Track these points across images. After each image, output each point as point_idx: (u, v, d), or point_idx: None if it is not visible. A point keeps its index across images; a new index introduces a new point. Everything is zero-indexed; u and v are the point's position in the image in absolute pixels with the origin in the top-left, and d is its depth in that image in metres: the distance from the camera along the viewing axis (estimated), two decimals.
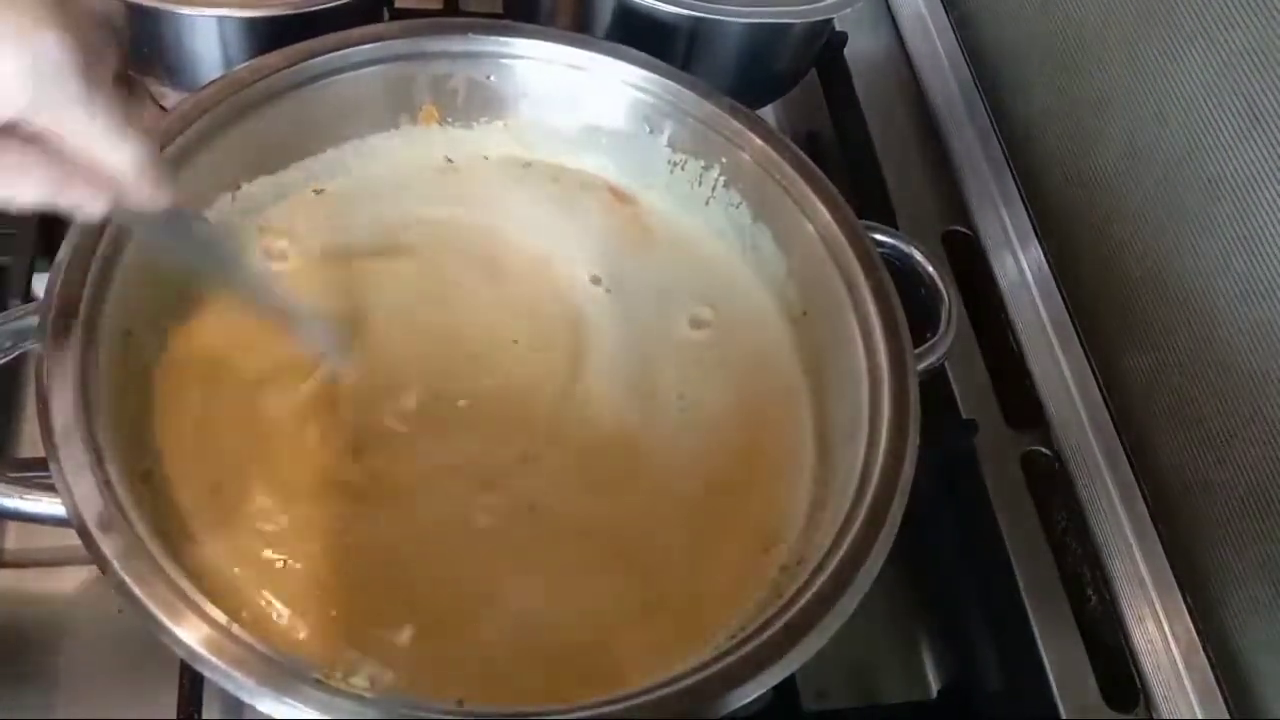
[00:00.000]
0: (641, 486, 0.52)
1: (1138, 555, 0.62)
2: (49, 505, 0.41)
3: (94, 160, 0.35)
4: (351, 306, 0.55)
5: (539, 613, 0.47)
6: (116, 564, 0.39)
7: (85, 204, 0.36)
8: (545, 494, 0.51)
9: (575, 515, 0.51)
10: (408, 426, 0.52)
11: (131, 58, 0.60)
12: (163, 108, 0.55)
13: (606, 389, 0.55)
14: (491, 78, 0.61)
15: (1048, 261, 0.73)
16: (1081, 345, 0.70)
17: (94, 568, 0.39)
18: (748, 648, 0.41)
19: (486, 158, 0.62)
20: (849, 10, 0.68)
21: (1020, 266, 0.74)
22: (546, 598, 0.48)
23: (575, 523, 0.50)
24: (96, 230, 0.47)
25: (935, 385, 0.63)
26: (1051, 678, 0.57)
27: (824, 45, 0.77)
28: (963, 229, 0.76)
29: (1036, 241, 0.74)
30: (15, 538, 0.56)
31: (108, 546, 0.39)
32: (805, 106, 0.80)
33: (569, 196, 0.62)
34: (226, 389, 0.51)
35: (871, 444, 0.48)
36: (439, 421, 0.52)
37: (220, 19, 0.59)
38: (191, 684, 0.49)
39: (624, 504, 0.52)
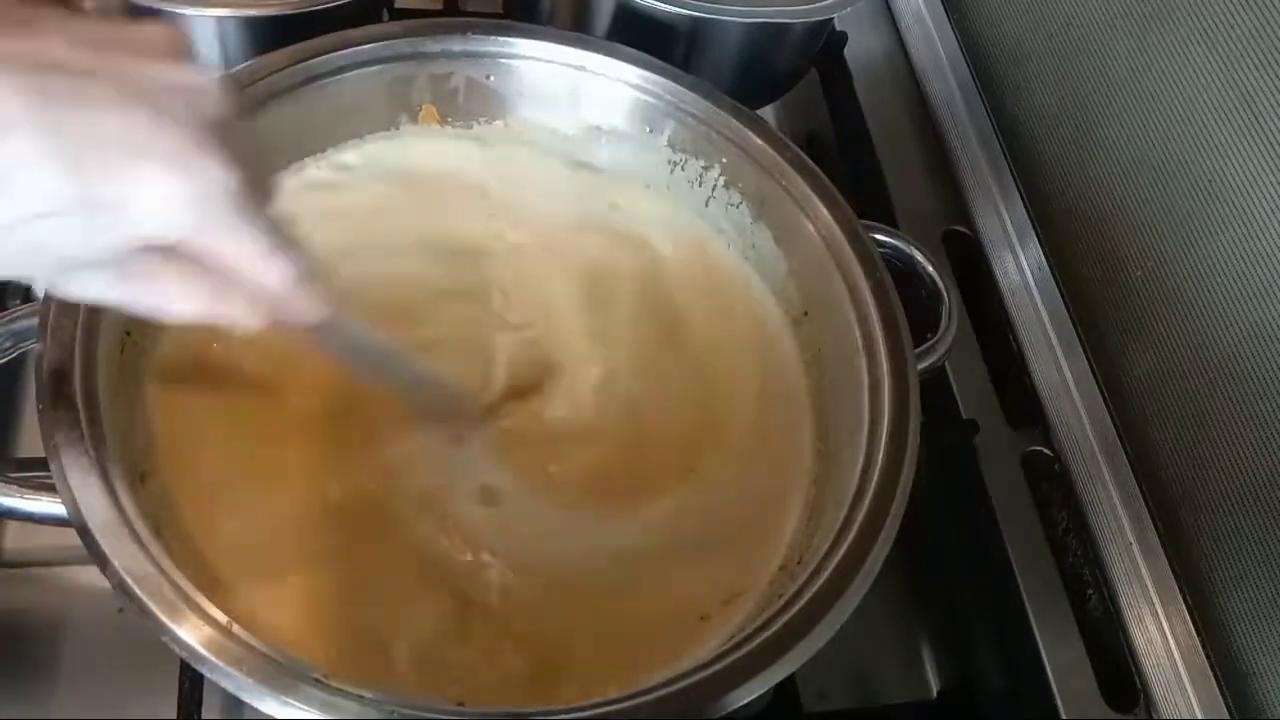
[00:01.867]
0: (634, 488, 0.52)
1: (1138, 555, 0.62)
2: (49, 505, 0.41)
3: (250, 279, 0.35)
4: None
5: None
6: (116, 564, 0.39)
7: (241, 316, 0.36)
8: (539, 511, 0.51)
9: (565, 534, 0.50)
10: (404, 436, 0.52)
11: None
12: None
13: (607, 390, 0.55)
14: (491, 78, 0.61)
15: (1048, 261, 0.73)
16: (1081, 345, 0.70)
17: (94, 568, 0.39)
18: (748, 648, 0.41)
19: (486, 155, 0.63)
20: (849, 10, 0.68)
21: (1020, 266, 0.74)
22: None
23: (563, 542, 0.50)
24: None
25: (935, 385, 0.63)
26: (1051, 678, 0.57)
27: (824, 45, 0.77)
28: (963, 229, 0.76)
29: (1036, 241, 0.74)
30: (15, 538, 0.56)
31: (108, 546, 0.39)
32: (805, 106, 0.80)
33: (565, 194, 0.62)
34: (225, 390, 0.51)
35: (871, 444, 0.48)
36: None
37: (220, 19, 0.59)
38: (191, 684, 0.49)
39: (621, 509, 0.52)
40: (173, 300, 0.35)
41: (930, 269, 0.58)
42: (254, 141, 0.35)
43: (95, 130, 0.30)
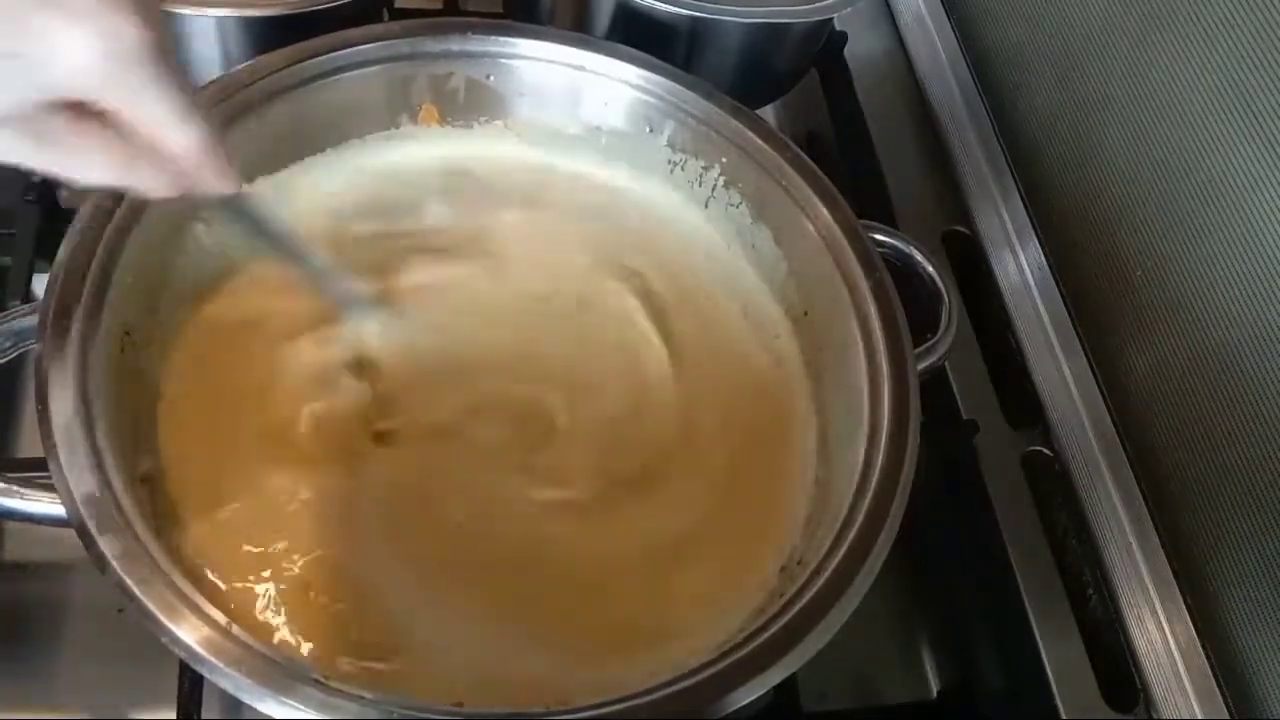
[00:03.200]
0: (636, 488, 0.52)
1: (1138, 555, 0.62)
2: (49, 505, 0.41)
3: (161, 141, 0.35)
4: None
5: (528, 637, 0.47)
6: (116, 564, 0.39)
7: (151, 185, 0.36)
8: (539, 504, 0.51)
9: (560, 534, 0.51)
10: (405, 439, 0.52)
11: None
12: None
13: (605, 389, 0.55)
14: (491, 78, 0.61)
15: (1048, 261, 0.73)
16: (1081, 345, 0.70)
17: (94, 568, 0.39)
18: (748, 648, 0.41)
19: (488, 158, 0.63)
20: (849, 10, 0.68)
21: (1020, 266, 0.74)
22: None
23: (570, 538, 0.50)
24: (96, 230, 0.47)
25: (935, 385, 0.63)
26: (1051, 678, 0.57)
27: (824, 45, 0.77)
28: (963, 229, 0.76)
29: (1036, 241, 0.74)
30: (15, 538, 0.56)
31: (108, 546, 0.39)
32: (805, 106, 0.80)
33: (565, 193, 0.62)
34: (225, 390, 0.51)
35: (871, 444, 0.48)
36: (434, 438, 0.52)
37: (220, 19, 0.59)
38: (191, 684, 0.49)
39: (618, 508, 0.52)
40: (79, 162, 0.34)
41: (930, 269, 0.58)
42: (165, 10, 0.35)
43: None
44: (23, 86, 0.31)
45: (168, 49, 0.33)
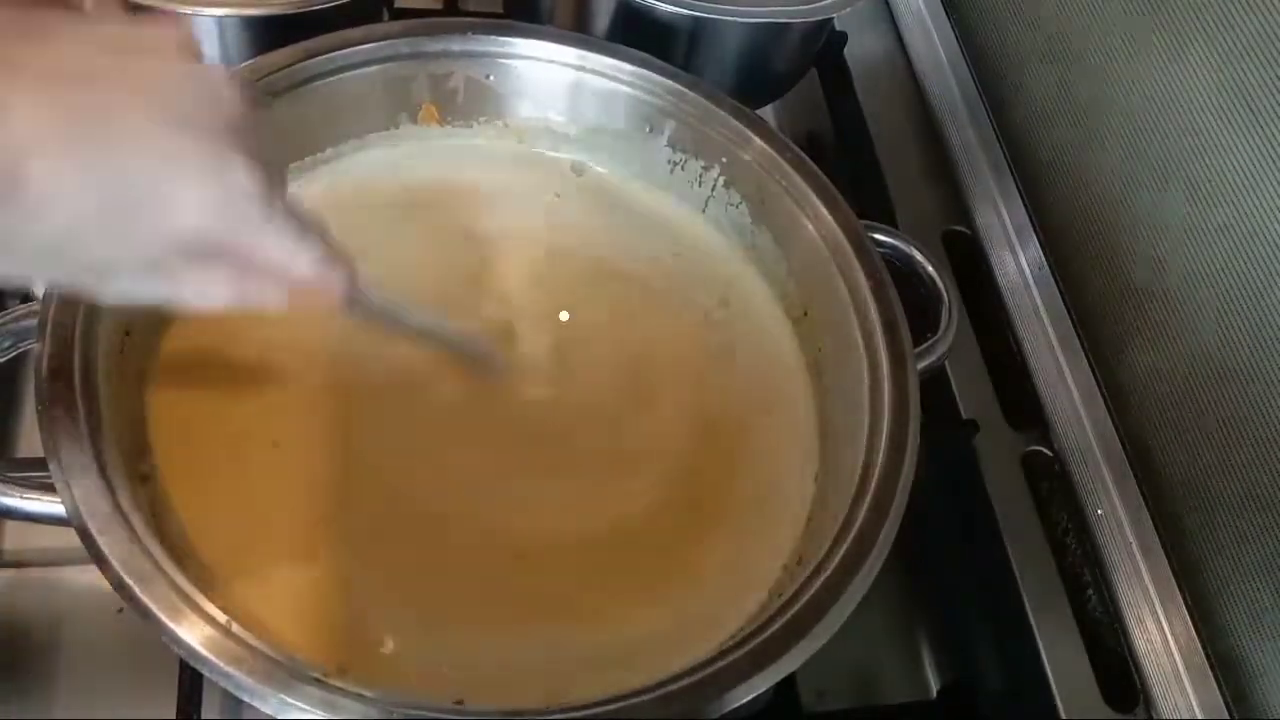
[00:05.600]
0: (635, 488, 0.52)
1: (1138, 555, 0.62)
2: (49, 505, 0.41)
3: (278, 269, 0.36)
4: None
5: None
6: (116, 564, 0.39)
7: (269, 302, 0.37)
8: (537, 496, 0.51)
9: (562, 523, 0.51)
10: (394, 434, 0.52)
11: None
12: None
13: (607, 389, 0.55)
14: (491, 77, 0.61)
15: (1048, 261, 0.73)
16: (1081, 345, 0.70)
17: (94, 568, 0.39)
18: (748, 647, 0.41)
19: (488, 158, 0.63)
20: (849, 10, 0.68)
21: (1020, 266, 0.74)
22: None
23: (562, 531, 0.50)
24: None
25: (935, 385, 0.63)
26: (1051, 678, 0.57)
27: (824, 45, 0.77)
28: (963, 229, 0.76)
29: (1036, 241, 0.74)
30: (15, 538, 0.56)
31: (108, 546, 0.39)
32: (805, 106, 0.80)
33: (565, 193, 0.62)
34: (225, 391, 0.51)
35: (871, 444, 0.48)
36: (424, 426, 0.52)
37: (220, 19, 0.59)
38: (191, 684, 0.49)
39: (616, 506, 0.52)
40: (200, 294, 0.35)
41: (930, 269, 0.58)
42: (270, 131, 0.36)
43: (124, 144, 0.31)
44: (143, 238, 0.32)
45: (274, 179, 0.34)
